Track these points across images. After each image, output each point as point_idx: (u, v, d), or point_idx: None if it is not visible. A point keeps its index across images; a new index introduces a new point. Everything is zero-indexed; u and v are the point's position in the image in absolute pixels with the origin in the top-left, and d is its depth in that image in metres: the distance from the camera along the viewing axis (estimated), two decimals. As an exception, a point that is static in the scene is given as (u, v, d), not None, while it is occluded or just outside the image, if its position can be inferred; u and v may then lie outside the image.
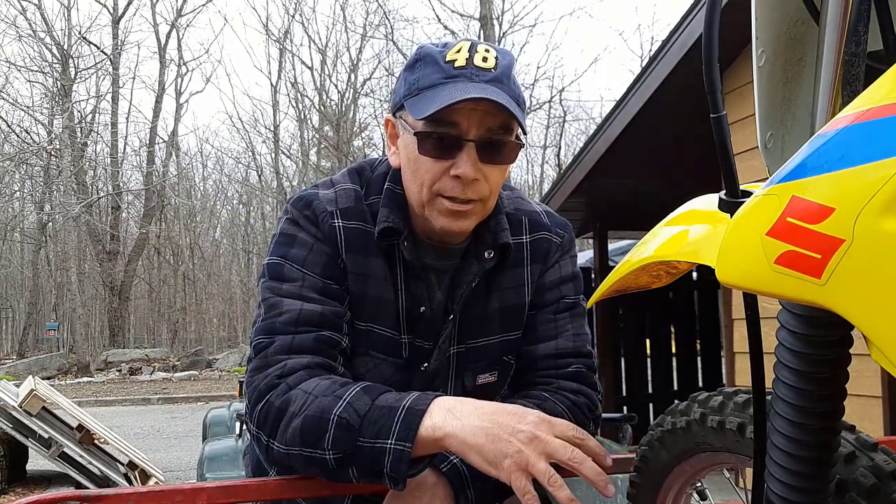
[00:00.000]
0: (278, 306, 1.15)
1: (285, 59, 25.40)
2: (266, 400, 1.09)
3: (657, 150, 5.78)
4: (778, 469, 0.74)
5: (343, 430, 1.02)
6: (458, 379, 1.28)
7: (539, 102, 23.79)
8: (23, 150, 23.75)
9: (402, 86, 1.18)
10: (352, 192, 1.24)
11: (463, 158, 1.12)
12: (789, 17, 0.77)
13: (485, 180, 1.14)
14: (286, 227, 1.22)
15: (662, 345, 8.03)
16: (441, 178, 1.14)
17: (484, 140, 1.12)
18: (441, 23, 21.00)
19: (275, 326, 1.14)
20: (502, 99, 1.09)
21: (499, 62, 1.13)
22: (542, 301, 1.30)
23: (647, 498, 1.08)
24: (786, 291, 0.56)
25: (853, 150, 0.53)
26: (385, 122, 1.25)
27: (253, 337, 1.18)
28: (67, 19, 24.71)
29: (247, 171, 29.67)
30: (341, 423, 1.02)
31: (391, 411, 1.02)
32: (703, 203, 0.79)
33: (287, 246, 1.20)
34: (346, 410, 1.03)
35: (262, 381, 1.11)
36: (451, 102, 1.07)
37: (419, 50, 1.17)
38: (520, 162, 28.25)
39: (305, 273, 1.17)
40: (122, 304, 25.02)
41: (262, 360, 1.13)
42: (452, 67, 1.12)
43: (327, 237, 1.19)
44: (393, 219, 1.20)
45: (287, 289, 1.16)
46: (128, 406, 14.14)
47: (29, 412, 5.76)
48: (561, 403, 1.22)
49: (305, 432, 1.04)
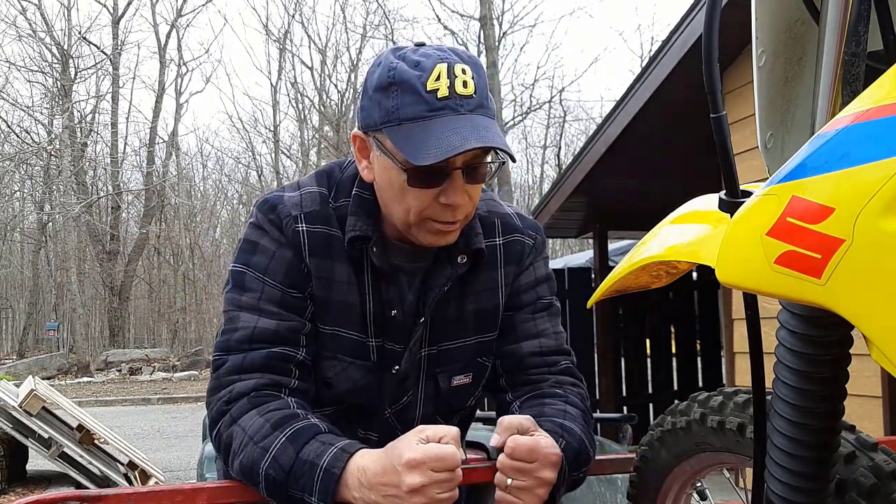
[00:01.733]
0: (235, 321, 1.20)
1: (285, 59, 25.41)
2: (217, 429, 1.17)
3: (657, 149, 5.78)
4: (778, 469, 0.74)
5: (272, 485, 1.09)
6: (430, 380, 1.29)
7: (539, 102, 23.81)
8: (23, 150, 23.74)
9: (375, 108, 1.13)
10: (317, 195, 1.24)
11: (452, 186, 1.13)
12: (789, 17, 0.77)
13: (469, 200, 1.17)
14: (250, 233, 1.24)
15: (662, 345, 8.02)
16: (430, 205, 1.14)
17: (470, 166, 1.13)
18: (441, 23, 21.04)
19: (230, 344, 1.19)
20: (494, 139, 1.09)
21: (476, 83, 1.12)
22: (520, 302, 1.32)
23: (647, 498, 1.08)
24: (786, 291, 0.56)
25: (853, 150, 0.53)
26: (353, 137, 1.22)
27: (213, 352, 1.23)
28: (67, 19, 24.61)
29: (247, 171, 29.71)
30: (268, 478, 1.09)
31: (312, 469, 1.07)
32: (703, 203, 0.79)
33: (249, 253, 1.22)
34: (271, 466, 1.09)
35: (214, 405, 1.18)
36: (454, 154, 1.07)
37: (392, 71, 1.12)
38: (520, 162, 28.28)
39: (266, 283, 1.20)
40: (122, 304, 25.02)
41: (216, 381, 1.19)
42: (436, 98, 1.09)
43: (290, 242, 1.20)
44: (361, 226, 1.21)
45: (246, 301, 1.20)
46: (128, 406, 14.13)
47: (29, 412, 5.76)
48: (576, 398, 1.26)
49: (245, 476, 1.12)
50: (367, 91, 1.16)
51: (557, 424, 1.18)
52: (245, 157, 28.95)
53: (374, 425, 1.28)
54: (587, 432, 1.21)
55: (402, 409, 1.28)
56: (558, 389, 1.27)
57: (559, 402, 1.24)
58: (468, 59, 1.15)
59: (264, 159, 28.15)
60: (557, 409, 1.22)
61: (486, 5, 19.04)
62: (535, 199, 27.12)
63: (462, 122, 1.10)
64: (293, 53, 26.43)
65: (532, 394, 1.27)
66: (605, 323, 7.29)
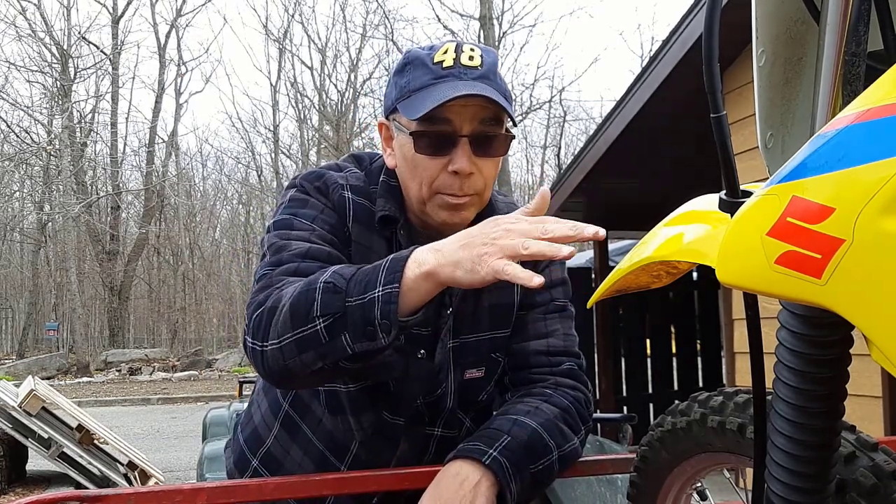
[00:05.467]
0: (287, 247, 1.16)
1: (285, 59, 25.41)
2: (261, 308, 1.08)
3: (657, 150, 5.78)
4: (778, 469, 0.74)
5: (330, 294, 1.00)
6: (457, 372, 1.29)
7: (539, 102, 23.80)
8: (22, 150, 23.74)
9: (393, 90, 1.23)
10: (359, 175, 1.29)
11: (458, 154, 1.17)
12: (789, 17, 0.77)
13: (479, 174, 1.19)
14: (296, 194, 1.25)
15: (662, 345, 8.02)
16: (439, 175, 1.18)
17: (477, 134, 1.17)
18: (441, 23, 21.03)
19: (282, 258, 1.14)
20: (491, 94, 1.14)
21: (484, 60, 1.19)
22: (533, 302, 1.33)
23: (647, 498, 1.08)
24: (786, 291, 0.56)
25: (853, 150, 0.53)
26: (378, 126, 1.29)
27: (257, 274, 1.17)
28: (67, 19, 24.58)
29: (246, 171, 29.70)
30: (328, 287, 1.00)
31: (375, 268, 1.00)
32: (703, 203, 0.79)
33: (298, 207, 1.23)
34: (332, 276, 1.02)
35: (260, 295, 1.10)
36: (444, 101, 1.12)
37: (407, 54, 1.22)
38: (520, 162, 28.32)
39: (315, 226, 1.20)
40: (121, 304, 25.01)
41: (266, 281, 1.12)
42: (441, 68, 1.17)
43: (336, 206, 1.23)
44: (390, 208, 1.24)
45: (296, 234, 1.18)
46: (128, 406, 14.13)
47: (29, 412, 5.76)
48: (564, 398, 1.25)
49: (294, 310, 1.02)
50: (389, 80, 1.25)
51: (511, 421, 1.17)
52: (245, 157, 28.98)
53: (402, 410, 1.27)
54: (554, 428, 1.18)
55: (434, 400, 1.28)
56: (548, 390, 1.26)
57: (536, 400, 1.23)
58: (481, 46, 1.22)
59: (264, 159, 28.18)
60: (526, 407, 1.21)
61: (486, 5, 19.04)
62: (535, 199, 26.98)
63: (463, 84, 1.15)
64: (293, 53, 26.42)
65: (520, 392, 1.27)
66: (605, 323, 7.30)
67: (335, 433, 1.28)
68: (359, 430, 1.27)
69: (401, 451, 1.28)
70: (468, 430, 1.32)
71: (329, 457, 1.29)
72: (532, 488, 1.16)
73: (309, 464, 1.29)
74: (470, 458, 1.11)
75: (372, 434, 1.27)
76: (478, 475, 1.09)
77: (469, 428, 1.33)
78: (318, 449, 1.29)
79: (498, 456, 1.11)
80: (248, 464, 1.36)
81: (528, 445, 1.14)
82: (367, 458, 1.26)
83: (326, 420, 1.28)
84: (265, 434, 1.35)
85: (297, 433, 1.31)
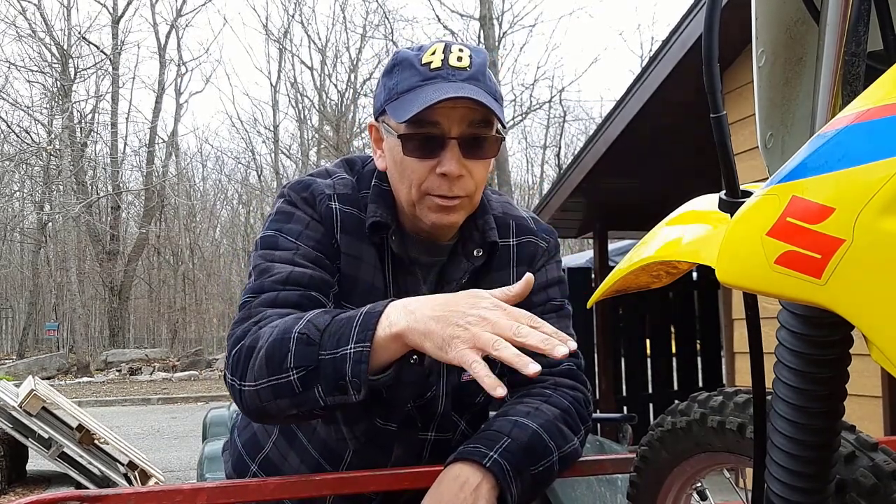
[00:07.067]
0: (269, 270, 1.17)
1: (285, 59, 25.44)
2: (239, 344, 1.09)
3: (657, 150, 5.77)
4: (778, 469, 0.74)
5: (304, 346, 1.01)
6: (451, 375, 1.29)
7: (539, 102, 23.81)
8: (22, 150, 23.73)
9: (382, 91, 1.21)
10: (349, 181, 1.27)
11: (447, 156, 1.15)
12: (789, 17, 0.77)
13: (469, 176, 1.18)
14: (283, 207, 1.25)
15: (662, 345, 8.02)
16: (428, 178, 1.17)
17: (466, 136, 1.16)
18: (441, 23, 21.05)
19: (263, 285, 1.15)
20: (479, 95, 1.13)
21: (473, 60, 1.17)
22: (530, 303, 1.31)
23: (647, 498, 1.08)
24: (786, 291, 0.56)
25: (853, 150, 0.52)
26: (369, 128, 1.29)
27: (241, 298, 1.19)
28: (67, 19, 24.59)
29: (246, 171, 29.73)
30: (301, 338, 1.01)
31: (350, 320, 1.00)
32: (703, 203, 0.79)
33: (283, 222, 1.22)
34: (306, 327, 1.02)
35: (239, 329, 1.12)
36: (431, 103, 1.11)
37: (396, 55, 1.21)
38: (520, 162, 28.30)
39: (299, 244, 1.19)
40: (121, 304, 25.00)
41: (245, 313, 1.14)
42: (429, 69, 1.16)
43: (324, 218, 1.22)
44: (381, 213, 1.23)
45: (280, 255, 1.18)
46: (128, 406, 14.12)
47: (29, 412, 5.76)
48: (564, 398, 1.25)
49: (270, 357, 1.03)
50: (378, 81, 1.24)
51: (511, 422, 1.16)
52: (245, 157, 29.02)
53: (393, 416, 1.27)
54: (554, 429, 1.18)
55: (425, 403, 1.28)
56: (547, 390, 1.26)
57: (536, 400, 1.23)
58: (470, 45, 1.21)
59: (264, 159, 28.21)
60: (526, 408, 1.21)
61: (485, 5, 19.03)
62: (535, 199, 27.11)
63: (450, 86, 1.14)
64: (293, 53, 26.45)
65: (519, 393, 1.27)
66: (605, 323, 7.30)
67: (329, 442, 1.28)
68: (352, 438, 1.27)
69: (395, 458, 1.28)
70: (463, 432, 1.32)
71: (324, 465, 1.29)
72: (532, 489, 1.15)
73: (305, 472, 1.30)
74: (471, 460, 1.11)
75: (365, 442, 1.27)
76: (479, 477, 1.09)
77: (464, 431, 1.33)
78: (314, 457, 1.30)
79: (498, 458, 1.11)
80: (246, 468, 1.36)
81: (528, 447, 1.14)
82: (361, 467, 1.26)
83: (320, 429, 1.28)
84: (264, 440, 1.35)
85: (294, 441, 1.32)
